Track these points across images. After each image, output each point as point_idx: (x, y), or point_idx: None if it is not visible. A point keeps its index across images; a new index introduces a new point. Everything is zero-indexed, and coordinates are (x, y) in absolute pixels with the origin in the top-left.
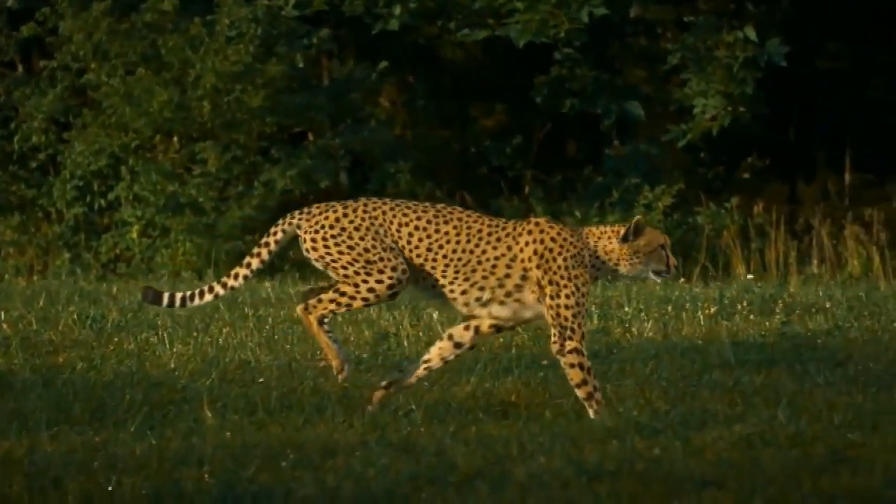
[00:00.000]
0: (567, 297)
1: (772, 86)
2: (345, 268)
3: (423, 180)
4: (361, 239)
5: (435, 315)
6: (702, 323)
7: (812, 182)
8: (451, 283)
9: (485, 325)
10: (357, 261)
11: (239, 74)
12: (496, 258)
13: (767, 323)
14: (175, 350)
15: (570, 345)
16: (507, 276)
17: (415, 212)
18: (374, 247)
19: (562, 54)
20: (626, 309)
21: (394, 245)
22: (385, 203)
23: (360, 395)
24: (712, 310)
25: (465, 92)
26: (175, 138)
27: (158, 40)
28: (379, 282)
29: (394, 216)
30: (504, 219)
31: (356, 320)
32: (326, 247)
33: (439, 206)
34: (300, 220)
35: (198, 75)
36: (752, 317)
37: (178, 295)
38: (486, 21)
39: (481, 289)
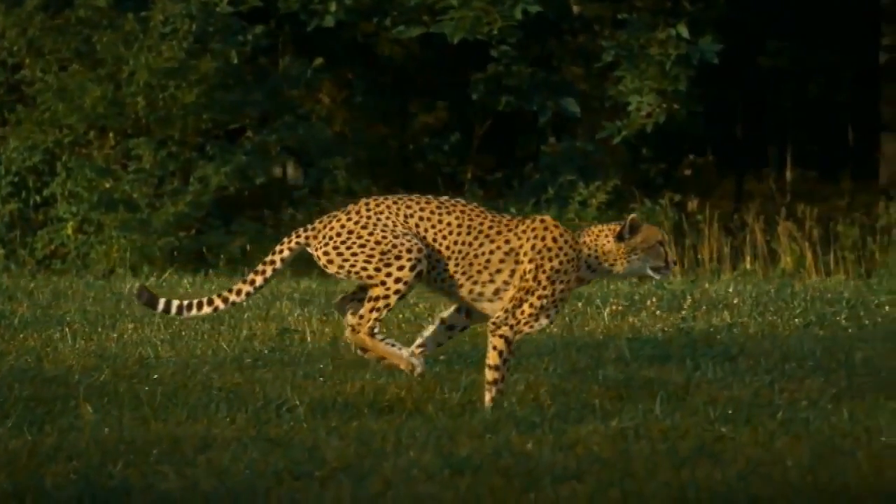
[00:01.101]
0: (538, 298)
1: (718, 84)
2: (364, 269)
3: (360, 176)
4: (370, 234)
5: None
6: (606, 319)
7: (755, 179)
8: (452, 275)
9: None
10: (373, 256)
11: (172, 71)
12: (491, 252)
13: (672, 319)
14: (77, 346)
15: (505, 330)
16: (499, 270)
17: (418, 203)
18: (384, 237)
19: (498, 52)
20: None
21: (405, 230)
22: (386, 199)
23: (250, 390)
24: (621, 306)
25: (404, 89)
26: (111, 134)
27: (93, 36)
28: (401, 268)
29: (398, 209)
30: (507, 214)
31: (266, 316)
32: (340, 254)
33: (442, 198)
34: (307, 237)
35: (132, 71)
36: (658, 313)
37: (175, 303)
38: (421, 18)
39: (475, 283)
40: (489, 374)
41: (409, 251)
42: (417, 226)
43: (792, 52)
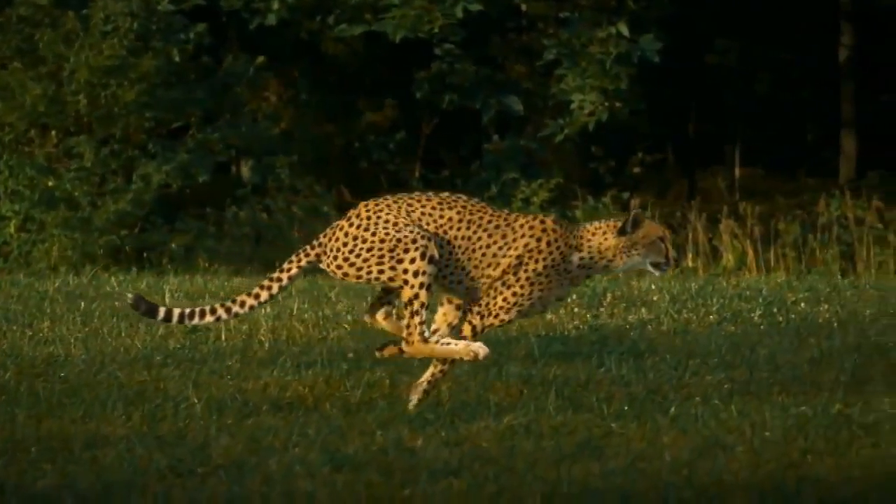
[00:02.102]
0: (513, 294)
1: (670, 81)
2: (381, 271)
3: (304, 174)
4: (373, 234)
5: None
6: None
7: (712, 176)
8: (454, 271)
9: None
10: (383, 256)
11: (113, 69)
12: (487, 246)
13: (589, 316)
14: None
15: (474, 318)
16: (490, 265)
17: (419, 200)
18: (387, 234)
19: (442, 50)
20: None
21: (406, 222)
22: (386, 199)
23: (154, 388)
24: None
25: (350, 87)
26: (52, 132)
27: (33, 34)
28: (413, 260)
29: (398, 207)
30: (508, 210)
31: None
32: (353, 264)
33: (443, 194)
34: (317, 254)
35: (73, 69)
36: (576, 310)
37: (176, 311)
38: (363, 16)
39: (473, 278)
40: (407, 319)
41: (413, 241)
42: (419, 221)
43: (741, 49)
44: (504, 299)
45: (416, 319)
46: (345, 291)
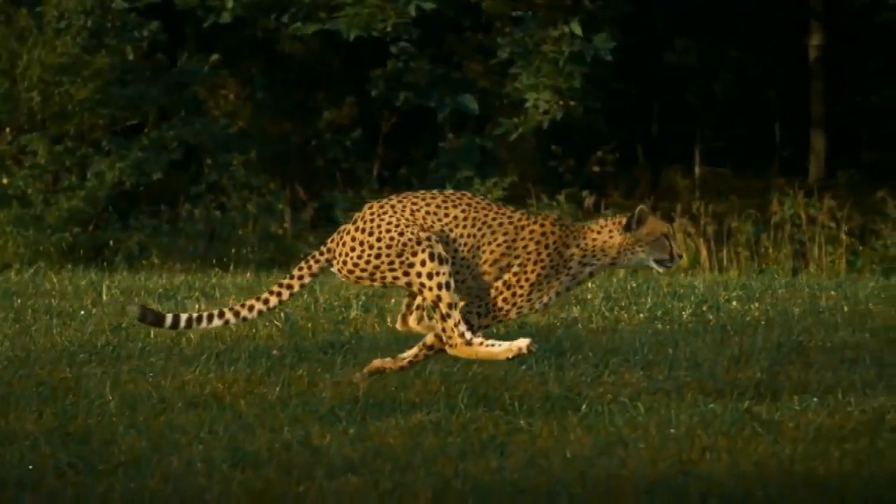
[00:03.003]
0: (513, 295)
1: (631, 80)
2: (395, 276)
3: (259, 172)
4: (378, 240)
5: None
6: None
7: (677, 175)
8: (459, 269)
9: None
10: (392, 260)
11: (66, 66)
12: (488, 243)
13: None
14: None
15: (473, 319)
16: (494, 263)
17: (423, 199)
18: (392, 239)
19: (398, 48)
20: (393, 300)
21: (408, 223)
22: (390, 199)
23: (74, 385)
24: None
25: (307, 85)
26: (6, 130)
27: None
28: (423, 262)
29: (403, 207)
30: (513, 207)
31: (122, 311)
32: (364, 269)
33: (447, 192)
34: (327, 259)
35: (26, 67)
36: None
37: (184, 317)
38: (317, 15)
39: (476, 276)
40: (440, 323)
41: (418, 242)
42: (424, 220)
43: (700, 48)
44: (504, 299)
45: (451, 322)
46: (322, 288)
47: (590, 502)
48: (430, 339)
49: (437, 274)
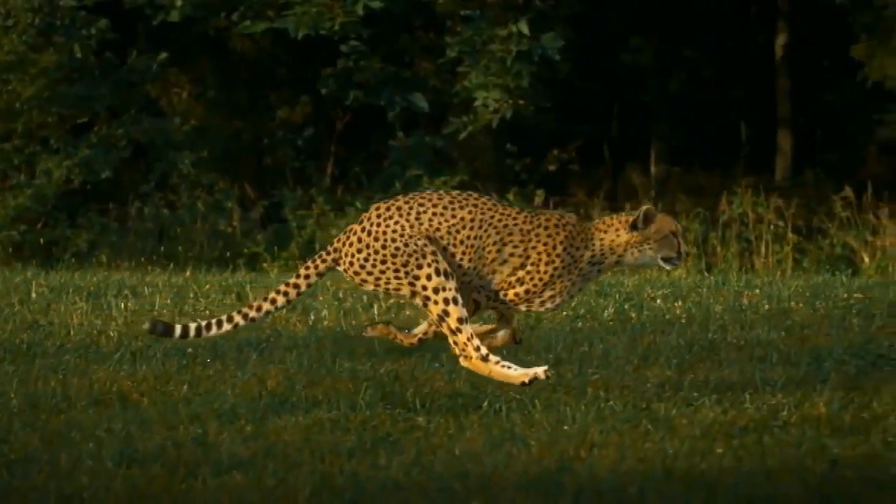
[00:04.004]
0: (527, 293)
1: (590, 79)
2: (400, 286)
3: (209, 170)
4: (384, 247)
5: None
6: (376, 314)
7: (637, 174)
8: (466, 271)
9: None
10: (398, 270)
11: (13, 64)
12: (494, 244)
13: None
14: None
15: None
16: (503, 263)
17: (430, 200)
18: (397, 249)
19: (348, 47)
20: (321, 298)
21: (412, 232)
22: (397, 200)
23: None
24: (402, 301)
25: (260, 84)
26: None
27: None
28: (429, 277)
29: (410, 208)
30: (518, 208)
31: (47, 309)
32: (370, 273)
33: (454, 192)
34: (334, 259)
35: None
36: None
37: (193, 325)
38: (266, 13)
39: (482, 276)
40: (451, 338)
41: (423, 255)
42: (430, 221)
43: (655, 48)
44: (516, 294)
45: (462, 337)
46: (214, 287)
47: (466, 498)
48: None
49: (444, 289)
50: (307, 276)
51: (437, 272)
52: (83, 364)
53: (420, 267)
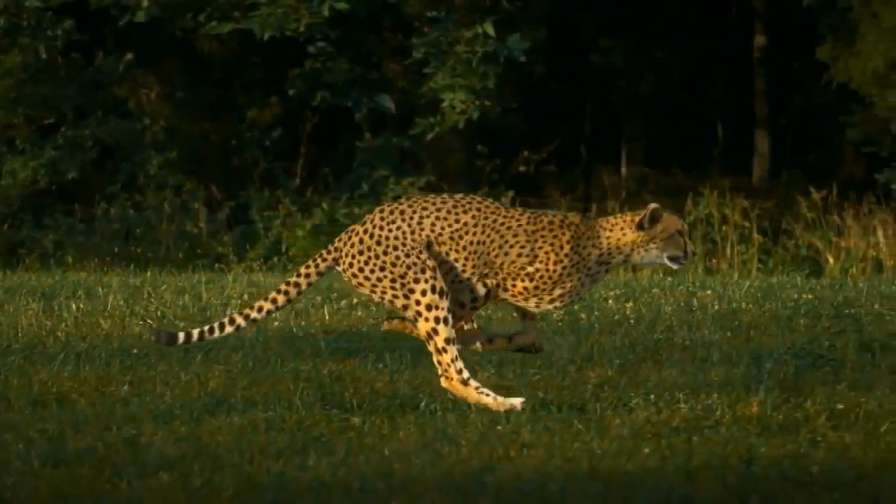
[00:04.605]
0: (535, 288)
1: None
2: (395, 297)
3: (176, 171)
4: (385, 254)
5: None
6: (327, 313)
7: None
8: (471, 276)
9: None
10: (395, 281)
11: None
12: (499, 247)
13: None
14: None
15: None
16: (510, 264)
17: (433, 203)
18: (397, 258)
19: (316, 48)
20: (318, 297)
21: (413, 244)
22: (401, 204)
23: None
24: (354, 301)
25: (227, 85)
26: None
27: None
28: (424, 293)
29: (413, 212)
30: (521, 210)
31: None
32: (367, 278)
33: (457, 196)
34: (334, 258)
35: None
36: (373, 308)
37: (196, 332)
38: (233, 14)
39: (488, 280)
40: (435, 356)
41: (423, 271)
42: (433, 226)
43: (625, 49)
44: (525, 288)
45: (447, 357)
46: (171, 288)
47: (387, 498)
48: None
49: (437, 308)
50: (308, 275)
51: (433, 289)
52: (26, 365)
53: (417, 281)
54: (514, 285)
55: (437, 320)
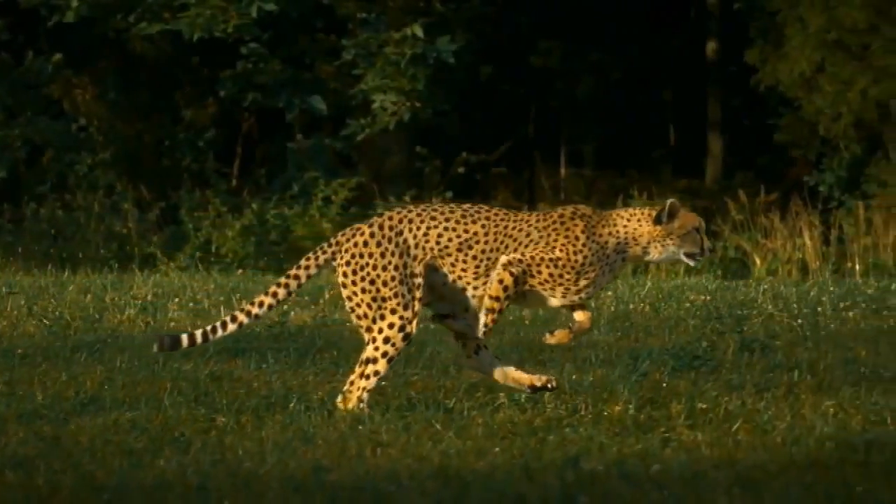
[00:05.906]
0: (559, 276)
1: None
2: (364, 315)
3: (107, 172)
4: (384, 269)
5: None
6: (222, 313)
7: (549, 177)
8: (476, 285)
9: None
10: (375, 300)
11: None
12: (515, 251)
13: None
14: None
15: (516, 269)
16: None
17: (442, 213)
18: (392, 279)
19: (248, 49)
20: (177, 299)
21: (413, 275)
22: (410, 212)
23: None
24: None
25: (161, 85)
26: None
27: None
28: (391, 326)
29: (421, 221)
30: (527, 212)
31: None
32: (354, 283)
33: (465, 205)
34: (333, 252)
35: None
36: (285, 308)
37: (199, 332)
38: (162, 15)
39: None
40: (488, 303)
41: (405, 308)
42: (439, 237)
43: (563, 51)
44: (550, 274)
45: (366, 386)
46: (76, 287)
47: (219, 498)
48: (579, 316)
49: (393, 346)
50: (307, 268)
51: (402, 329)
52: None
53: (394, 313)
54: (539, 271)
55: (384, 355)
